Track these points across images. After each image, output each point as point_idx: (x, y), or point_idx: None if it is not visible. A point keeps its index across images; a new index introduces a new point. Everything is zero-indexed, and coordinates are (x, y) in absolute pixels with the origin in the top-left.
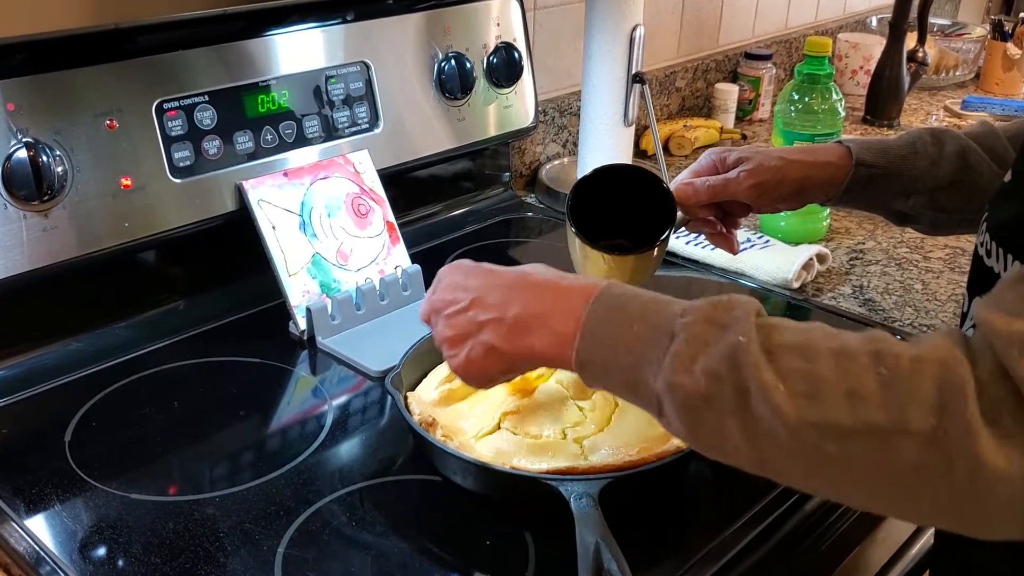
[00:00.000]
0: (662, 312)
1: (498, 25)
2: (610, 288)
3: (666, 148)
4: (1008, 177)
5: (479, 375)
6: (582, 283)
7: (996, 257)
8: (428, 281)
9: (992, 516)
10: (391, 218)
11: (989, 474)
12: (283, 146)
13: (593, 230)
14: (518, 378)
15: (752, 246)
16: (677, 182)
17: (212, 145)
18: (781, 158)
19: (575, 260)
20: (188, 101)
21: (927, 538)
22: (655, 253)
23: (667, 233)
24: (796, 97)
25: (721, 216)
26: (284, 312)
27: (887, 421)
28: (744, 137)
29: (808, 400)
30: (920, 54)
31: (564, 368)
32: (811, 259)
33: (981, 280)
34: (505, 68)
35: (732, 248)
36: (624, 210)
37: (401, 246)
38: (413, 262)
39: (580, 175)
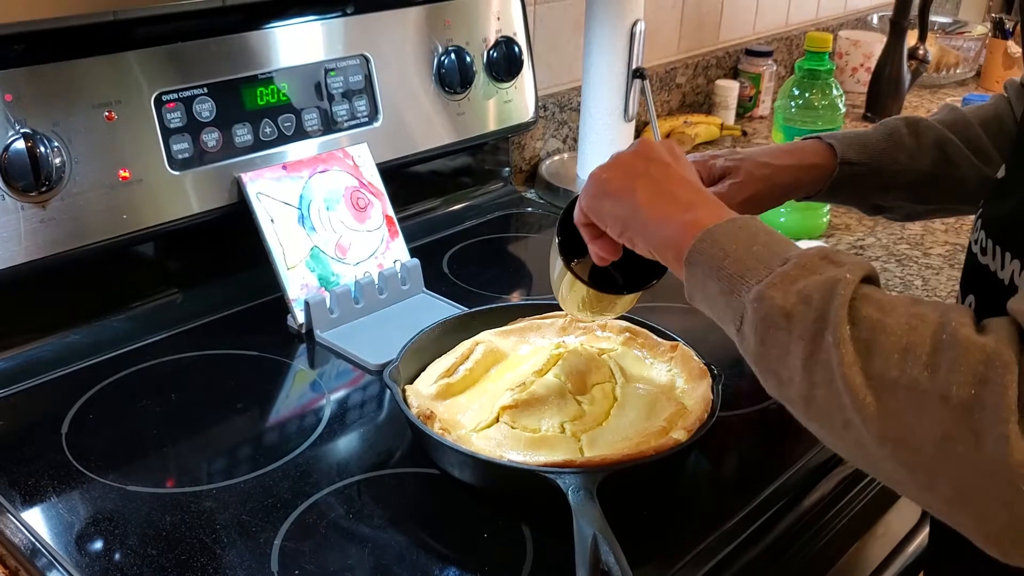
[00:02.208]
0: (787, 245)
1: (498, 19)
2: (752, 217)
3: None
4: (1002, 172)
5: (599, 197)
6: (734, 211)
7: (992, 255)
8: (427, 275)
9: (1010, 519)
10: (390, 212)
11: (1014, 463)
12: (282, 139)
13: (576, 251)
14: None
15: None
16: None
17: (211, 137)
18: (768, 164)
19: (553, 278)
20: (187, 93)
21: (924, 536)
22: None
23: (655, 281)
24: (797, 92)
25: None
26: (282, 305)
27: (930, 382)
28: (744, 134)
29: (865, 346)
30: (921, 52)
31: (666, 258)
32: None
33: (975, 278)
34: (505, 63)
35: None
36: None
37: (400, 240)
38: (412, 256)
39: (580, 171)
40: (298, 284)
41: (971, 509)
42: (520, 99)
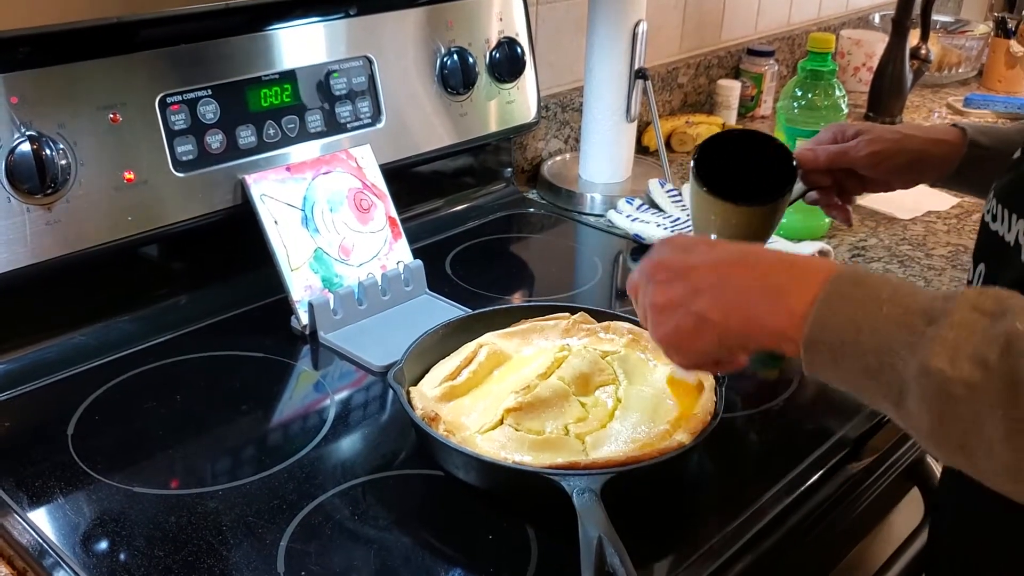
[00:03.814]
0: (917, 294)
1: (500, 20)
2: (854, 267)
3: (668, 144)
4: (1018, 153)
5: (686, 348)
6: (819, 261)
7: (1001, 220)
8: (430, 276)
9: None
10: (393, 213)
11: None
12: (285, 140)
13: (715, 190)
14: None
15: None
16: (799, 149)
17: (215, 139)
18: (898, 131)
19: (694, 217)
20: (191, 95)
21: (927, 536)
22: (777, 210)
23: (789, 189)
24: (799, 93)
25: (837, 191)
26: (286, 307)
27: None
28: None
29: None
30: (923, 51)
31: (786, 350)
32: (813, 256)
33: (986, 247)
34: (507, 63)
35: (848, 219)
36: (745, 174)
37: (403, 241)
38: (415, 257)
39: (582, 171)
40: (302, 285)
41: None
42: (522, 100)
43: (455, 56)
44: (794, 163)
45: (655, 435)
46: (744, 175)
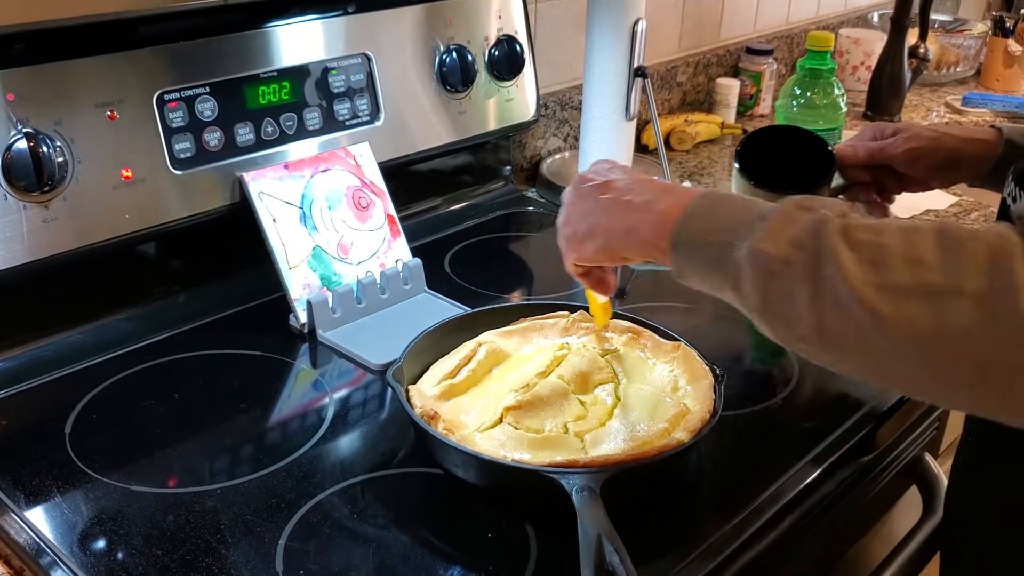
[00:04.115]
0: (763, 204)
1: (499, 18)
2: (725, 192)
3: (667, 143)
4: None
5: (576, 246)
6: (700, 189)
7: (1020, 200)
8: (429, 275)
9: None
10: (392, 211)
11: None
12: (284, 138)
13: (756, 181)
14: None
15: None
16: (840, 144)
17: (213, 137)
18: (935, 130)
19: None
20: (189, 92)
21: (927, 530)
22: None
23: (828, 179)
24: (798, 92)
25: (877, 189)
26: (285, 305)
27: (943, 282)
28: (745, 132)
29: (872, 265)
30: (921, 50)
31: (656, 257)
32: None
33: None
34: (506, 61)
35: (887, 215)
36: (786, 168)
37: (402, 239)
38: (413, 256)
39: (581, 169)
40: (300, 284)
41: (995, 384)
42: (521, 98)
43: (454, 54)
44: (831, 151)
45: (654, 433)
46: (784, 169)
